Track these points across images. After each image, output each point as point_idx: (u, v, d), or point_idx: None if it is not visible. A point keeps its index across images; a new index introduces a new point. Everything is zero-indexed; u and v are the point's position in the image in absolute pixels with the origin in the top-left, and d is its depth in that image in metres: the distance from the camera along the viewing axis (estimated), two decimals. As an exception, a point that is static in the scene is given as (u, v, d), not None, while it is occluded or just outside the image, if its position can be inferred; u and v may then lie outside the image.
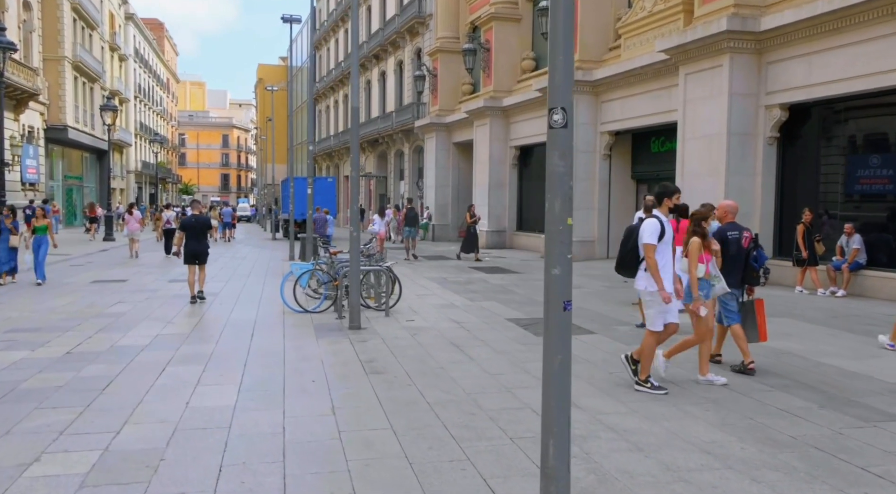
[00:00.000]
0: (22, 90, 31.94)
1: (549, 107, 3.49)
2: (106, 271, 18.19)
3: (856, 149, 14.06)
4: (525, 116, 25.59)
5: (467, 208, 23.20)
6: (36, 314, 11.11)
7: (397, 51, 39.97)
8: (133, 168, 61.21)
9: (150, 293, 13.80)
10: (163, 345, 8.75)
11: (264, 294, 13.71)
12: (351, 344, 8.76)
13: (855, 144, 14.15)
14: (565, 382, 3.50)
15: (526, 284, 15.32)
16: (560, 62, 3.45)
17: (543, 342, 3.52)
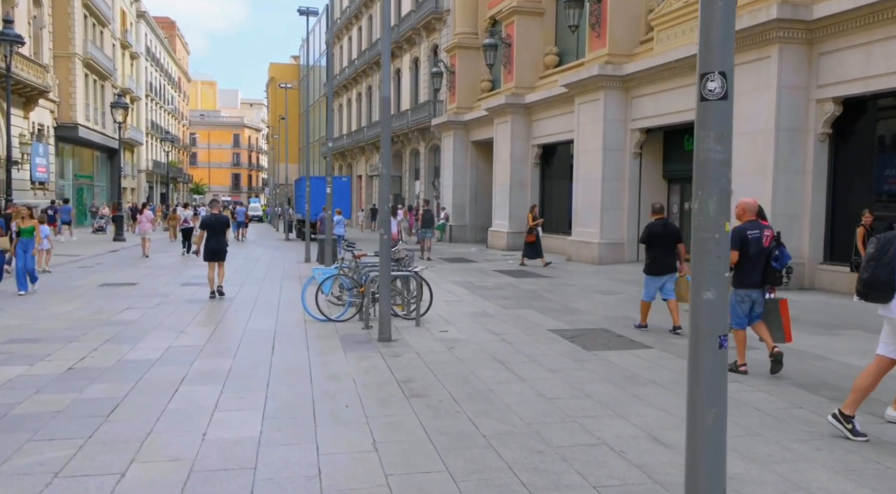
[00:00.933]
0: (31, 87, 31.29)
1: (702, 72, 2.60)
2: (115, 274, 17.41)
3: (916, 146, 13.10)
4: (548, 113, 24.66)
5: (530, 209, 21.04)
6: (38, 322, 10.30)
7: (413, 48, 39.12)
8: (144, 167, 60.65)
9: (161, 298, 12.98)
10: (175, 359, 7.91)
11: (282, 300, 12.86)
12: (383, 359, 7.89)
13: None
14: (720, 443, 2.61)
15: (558, 289, 14.41)
16: (717, 11, 2.54)
17: (689, 389, 2.64)
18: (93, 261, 20.79)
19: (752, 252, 6.96)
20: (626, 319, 10.60)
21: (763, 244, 6.99)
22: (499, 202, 27.34)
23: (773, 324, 7.09)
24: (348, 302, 10.59)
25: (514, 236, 26.10)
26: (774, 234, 7.16)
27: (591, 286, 14.84)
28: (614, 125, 19.92)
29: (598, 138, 20.16)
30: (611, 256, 19.77)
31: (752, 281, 7.02)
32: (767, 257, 7.01)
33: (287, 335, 9.38)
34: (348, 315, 10.53)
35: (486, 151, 31.86)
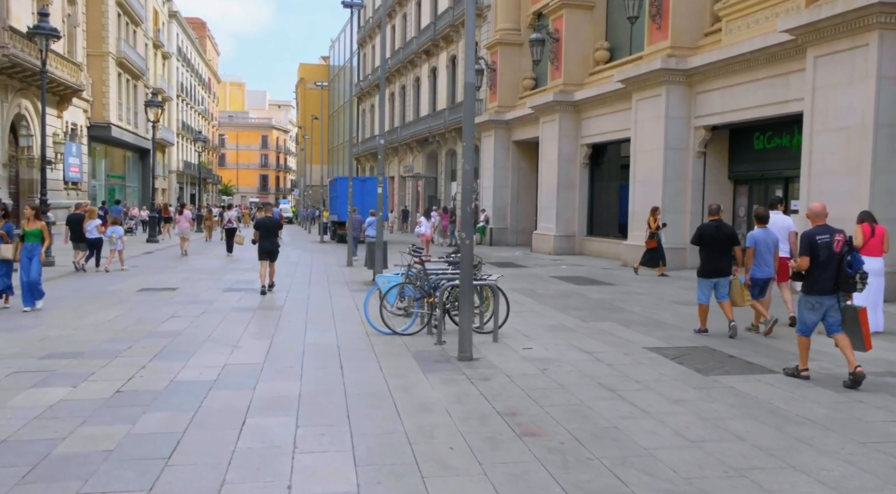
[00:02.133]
0: (65, 86, 30.82)
1: None
2: (153, 277, 16.59)
3: None
4: (599, 111, 23.50)
5: (651, 211, 18.01)
6: (77, 333, 9.42)
7: (450, 45, 38.14)
8: (175, 168, 60.37)
9: (205, 305, 12.08)
10: (235, 381, 6.94)
11: (336, 308, 11.89)
12: (472, 384, 6.85)
13: None
14: None
15: (631, 298, 13.27)
16: None
17: None
18: (128, 263, 20.02)
19: (823, 257, 6.81)
20: (725, 335, 9.45)
21: (834, 249, 6.81)
22: (545, 204, 26.21)
23: (852, 333, 6.83)
24: (415, 313, 9.56)
25: (562, 239, 24.98)
26: (846, 238, 6.95)
27: (665, 295, 13.68)
28: (677, 123, 18.72)
29: (659, 137, 18.97)
30: (672, 262, 18.54)
31: (823, 287, 6.85)
32: (839, 263, 6.80)
33: (352, 351, 8.37)
34: (415, 328, 9.51)
35: (528, 152, 30.78)
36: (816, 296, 6.90)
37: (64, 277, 16.31)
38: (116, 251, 18.18)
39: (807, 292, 6.98)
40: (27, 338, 8.98)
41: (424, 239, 25.45)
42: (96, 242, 17.69)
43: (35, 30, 18.29)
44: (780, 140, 17.05)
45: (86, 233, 17.48)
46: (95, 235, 17.58)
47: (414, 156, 44.93)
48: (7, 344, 8.57)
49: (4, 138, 27.44)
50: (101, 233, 17.79)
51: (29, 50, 26.84)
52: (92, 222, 17.52)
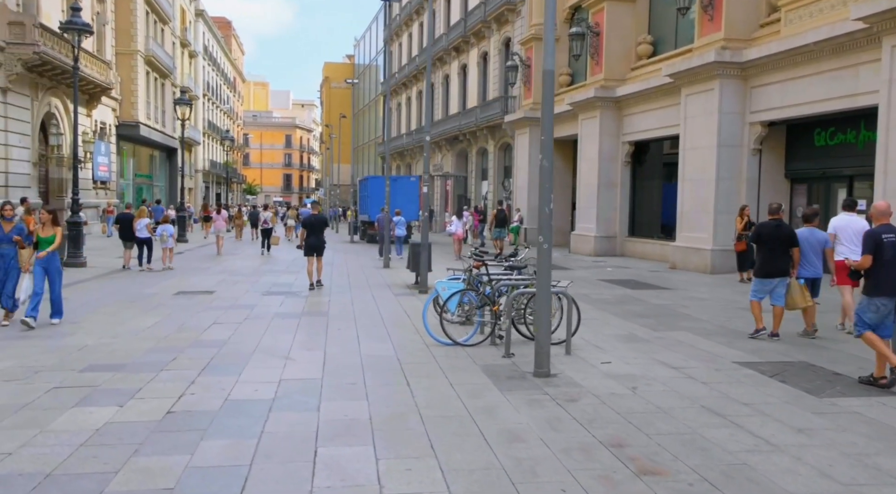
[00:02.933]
0: (95, 84, 30.53)
1: None
2: (188, 279, 16.05)
3: None
4: (642, 107, 22.64)
5: (739, 210, 16.61)
6: (117, 341, 8.83)
7: (481, 41, 37.39)
8: (201, 167, 60.22)
9: (246, 311, 11.47)
10: (295, 400, 6.28)
11: (384, 315, 11.22)
12: (559, 406, 6.12)
13: None
14: None
15: (694, 304, 12.47)
16: None
17: None
18: (158, 264, 19.53)
19: (888, 257, 6.59)
20: (814, 346, 8.65)
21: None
22: (584, 205, 25.40)
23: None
24: (477, 322, 8.84)
25: (602, 240, 24.15)
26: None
27: (729, 301, 12.85)
28: (730, 118, 17.83)
29: (711, 133, 18.10)
30: (727, 264, 17.67)
31: (889, 289, 6.62)
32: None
33: (415, 365, 7.68)
34: (477, 339, 8.79)
35: (564, 150, 29.94)
36: (881, 298, 6.64)
37: (98, 278, 15.83)
38: (166, 249, 18.50)
39: (870, 293, 6.72)
40: (65, 347, 8.40)
41: (456, 238, 25.05)
42: (146, 240, 18.01)
43: (67, 25, 17.87)
44: (845, 136, 16.12)
45: (136, 232, 17.78)
46: (145, 234, 17.89)
47: (443, 155, 44.25)
48: (44, 354, 8.00)
49: (35, 137, 27.16)
50: (151, 232, 18.13)
51: (59, 48, 26.54)
52: (142, 220, 17.89)
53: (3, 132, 24.58)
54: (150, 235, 18.07)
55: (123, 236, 18.11)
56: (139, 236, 17.79)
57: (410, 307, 11.98)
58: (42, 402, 6.13)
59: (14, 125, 25.27)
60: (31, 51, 24.47)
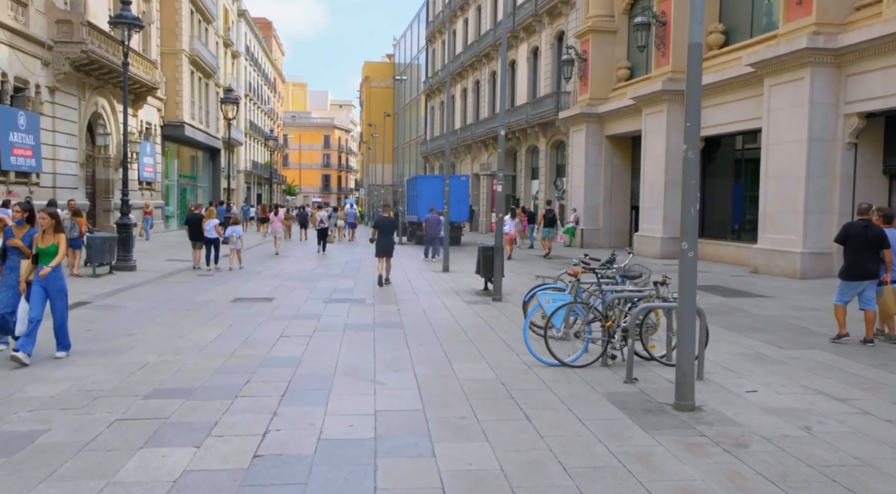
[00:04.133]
0: (141, 84, 30.06)
1: None
2: (244, 285, 15.19)
3: None
4: (714, 100, 21.17)
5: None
6: (181, 358, 7.90)
7: (532, 36, 36.17)
8: (243, 168, 59.98)
9: (313, 322, 10.49)
10: (402, 441, 5.23)
11: (465, 326, 10.15)
12: (728, 453, 4.97)
13: None
14: None
15: (807, 315, 11.16)
16: None
17: None
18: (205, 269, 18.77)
19: None
20: None
21: None
22: (648, 204, 24.04)
23: None
24: (587, 340, 7.71)
25: (669, 242, 22.74)
26: None
27: (843, 312, 11.49)
28: (822, 110, 16.39)
29: (800, 126, 16.67)
30: (817, 268, 16.27)
31: None
32: None
33: (526, 392, 6.58)
34: (585, 359, 7.66)
35: (623, 147, 28.66)
36: None
37: (149, 283, 15.06)
38: (235, 250, 18.71)
39: None
40: (124, 365, 7.50)
41: (508, 238, 24.43)
42: (214, 241, 18.22)
43: (117, 19, 17.18)
44: (956, 128, 14.62)
45: (204, 233, 18.01)
46: (214, 234, 18.13)
47: (489, 153, 43.08)
48: (103, 374, 7.10)
49: (82, 138, 26.74)
50: (219, 233, 18.36)
51: (106, 47, 26.07)
52: (211, 221, 18.15)
53: (51, 132, 24.15)
54: (219, 236, 18.27)
55: (192, 237, 18.35)
56: (207, 236, 18.03)
57: (490, 318, 10.90)
58: (105, 440, 5.18)
59: (61, 125, 24.84)
60: (79, 49, 24.01)
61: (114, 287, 14.04)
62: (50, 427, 5.44)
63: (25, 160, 22.15)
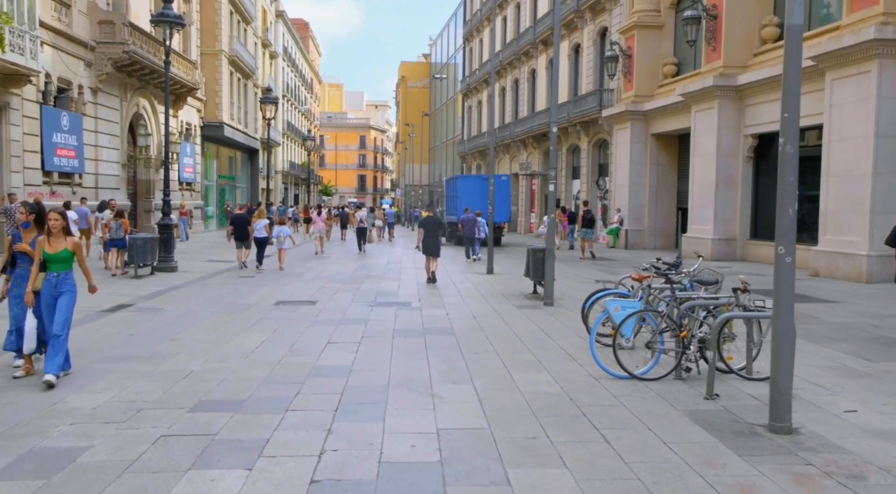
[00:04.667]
0: (182, 84, 30.09)
1: None
2: (285, 286, 14.87)
3: None
4: (769, 96, 20.31)
5: None
6: (226, 366, 7.52)
7: (573, 33, 35.44)
8: (280, 168, 60.16)
9: (359, 327, 10.08)
10: (470, 465, 4.74)
11: (519, 333, 9.63)
12: (845, 487, 4.38)
13: None
14: None
15: (887, 323, 10.41)
16: None
17: None
18: (250, 269, 18.53)
19: None
20: None
21: None
22: (698, 204, 23.22)
23: None
24: (659, 351, 7.13)
25: (720, 243, 21.93)
26: None
27: (925, 320, 10.73)
28: (891, 104, 15.53)
29: (867, 122, 15.82)
30: (885, 271, 15.36)
31: None
32: None
33: (598, 408, 6.05)
34: (657, 371, 7.09)
35: (669, 145, 27.84)
36: None
37: (191, 285, 14.83)
38: (282, 251, 18.83)
39: None
40: (168, 374, 7.14)
41: (546, 238, 23.58)
42: (263, 241, 18.36)
43: (159, 17, 17.02)
44: None
45: (254, 232, 18.20)
46: (263, 234, 18.32)
47: (528, 153, 42.44)
48: (147, 383, 6.75)
49: (124, 138, 26.82)
50: (268, 233, 18.54)
51: (147, 47, 26.10)
52: (261, 221, 18.35)
53: (94, 133, 24.22)
54: (268, 235, 18.34)
55: (238, 236, 18.42)
56: (257, 236, 18.18)
57: (545, 324, 10.37)
58: (150, 459, 4.79)
59: (104, 126, 24.92)
60: (121, 50, 24.04)
61: (155, 289, 13.82)
62: (92, 444, 5.08)
63: (68, 161, 22.21)
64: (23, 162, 19.98)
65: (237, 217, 19.05)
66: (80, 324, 9.84)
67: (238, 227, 18.35)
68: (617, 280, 9.31)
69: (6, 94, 18.99)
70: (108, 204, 18.77)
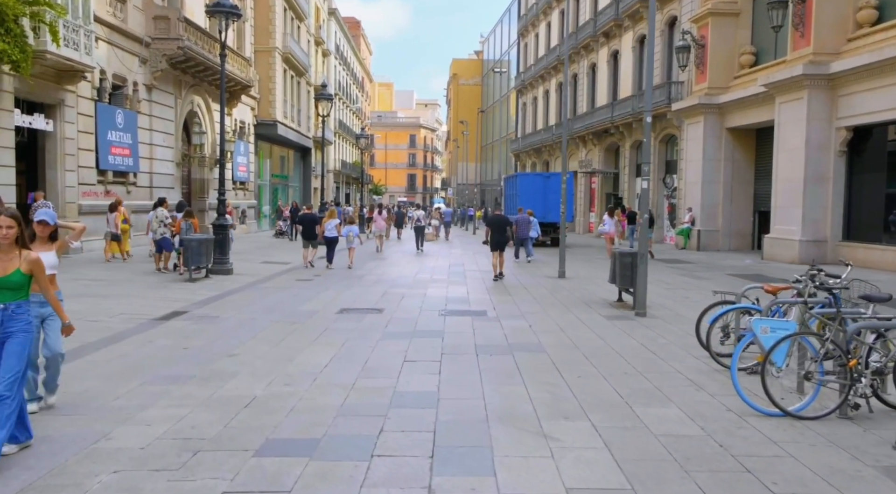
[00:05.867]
0: (236, 81, 29.56)
1: None
2: (346, 291, 13.89)
3: None
4: (867, 85, 18.57)
5: None
6: (293, 391, 6.48)
7: (638, 23, 33.82)
8: (332, 167, 59.71)
9: (435, 341, 8.97)
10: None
11: (618, 349, 8.38)
12: None
13: None
14: None
15: None
16: None
17: None
18: (308, 271, 17.66)
19: None
20: None
21: None
22: (783, 203, 21.49)
23: None
24: (818, 384, 5.82)
25: (809, 245, 20.18)
26: None
27: None
28: None
29: None
30: None
31: None
32: None
33: (763, 462, 4.79)
34: (816, 408, 5.78)
35: (745, 140, 26.12)
36: None
37: (247, 289, 13.96)
38: (351, 249, 19.09)
39: None
40: (228, 400, 6.14)
41: (607, 237, 23.89)
42: (334, 240, 18.42)
43: (215, 7, 16.24)
44: None
45: (324, 232, 18.30)
46: (334, 234, 18.42)
47: (588, 150, 40.88)
48: (205, 413, 5.74)
49: (178, 137, 26.36)
50: (339, 233, 18.62)
51: (202, 43, 25.56)
52: (332, 221, 18.45)
53: (148, 131, 23.75)
54: (338, 235, 18.49)
55: (306, 236, 18.59)
56: (327, 235, 18.27)
57: (646, 339, 9.10)
58: (210, 529, 3.74)
59: (158, 124, 24.45)
60: (176, 46, 23.52)
61: (211, 294, 12.99)
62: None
63: (123, 160, 21.72)
64: (77, 161, 19.51)
65: (305, 216, 19.28)
66: (133, 334, 8.99)
67: (306, 226, 18.61)
68: (739, 292, 7.98)
69: (61, 90, 18.53)
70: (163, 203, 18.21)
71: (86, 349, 8.02)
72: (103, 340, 8.58)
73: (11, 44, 14.71)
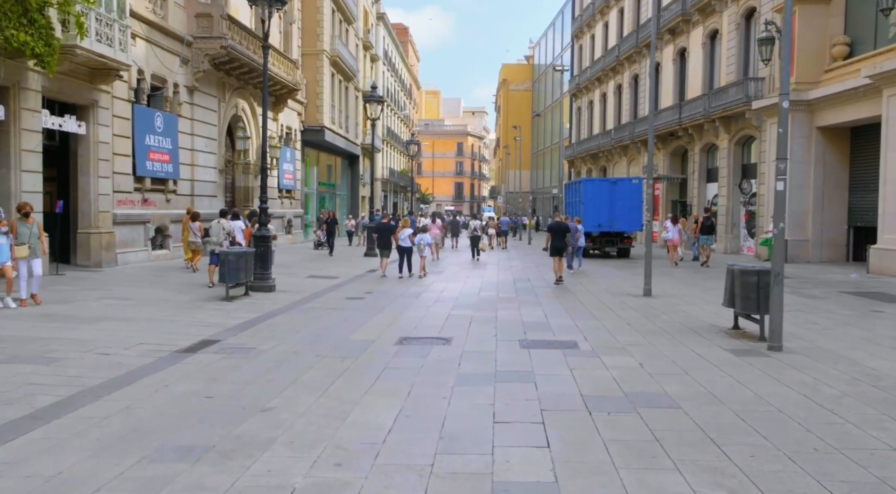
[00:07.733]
0: (282, 85, 28.14)
1: None
2: (404, 313, 11.99)
3: None
4: None
5: None
6: (345, 477, 4.56)
7: (709, 18, 31.37)
8: (380, 175, 58.27)
9: (526, 387, 6.95)
10: None
11: (781, 407, 6.24)
12: None
13: None
14: None
15: None
16: None
17: None
18: (358, 287, 15.87)
19: None
20: None
21: None
22: (892, 209, 18.93)
23: None
24: None
25: (928, 258, 17.57)
26: None
27: None
28: None
29: None
30: None
31: None
32: None
33: None
34: None
35: (839, 140, 23.55)
36: None
37: (290, 310, 12.16)
38: (422, 258, 19.00)
39: None
40: (264, 489, 4.24)
41: (672, 245, 23.81)
42: (407, 250, 18.37)
43: (257, -7, 14.61)
44: None
45: (399, 241, 18.32)
46: (408, 243, 18.37)
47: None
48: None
49: (221, 142, 24.96)
50: (412, 242, 18.47)
51: (247, 43, 24.14)
52: (406, 230, 18.46)
53: (190, 136, 22.34)
54: (412, 244, 18.45)
55: (381, 245, 18.77)
56: (402, 244, 18.28)
57: (805, 387, 6.93)
58: None
59: (200, 128, 23.04)
60: (219, 45, 22.13)
61: (248, 316, 11.24)
62: None
63: (162, 165, 20.30)
64: (112, 166, 18.11)
65: (381, 226, 19.46)
66: (147, 374, 7.21)
67: (382, 235, 18.84)
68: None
69: (94, 90, 17.15)
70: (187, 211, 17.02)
71: (82, 398, 6.27)
72: (108, 383, 6.82)
73: (35, 36, 13.30)
